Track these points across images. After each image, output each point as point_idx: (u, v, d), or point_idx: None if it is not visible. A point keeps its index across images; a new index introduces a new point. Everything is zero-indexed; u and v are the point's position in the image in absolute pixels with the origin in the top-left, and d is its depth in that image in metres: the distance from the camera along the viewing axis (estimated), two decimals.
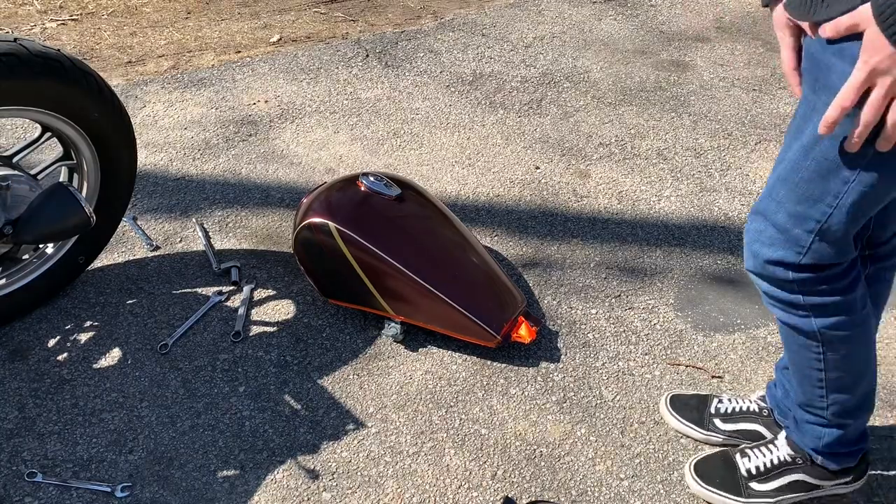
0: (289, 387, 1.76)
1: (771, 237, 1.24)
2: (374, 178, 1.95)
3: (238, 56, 3.13)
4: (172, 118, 2.70)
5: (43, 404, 1.69)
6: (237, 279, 2.02)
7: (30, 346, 1.82)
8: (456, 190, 2.43)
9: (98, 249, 1.97)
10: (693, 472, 1.56)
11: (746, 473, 1.53)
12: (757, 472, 1.52)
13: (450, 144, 2.64)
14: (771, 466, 1.51)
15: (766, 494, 1.50)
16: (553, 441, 1.67)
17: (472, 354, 1.86)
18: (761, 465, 1.52)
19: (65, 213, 1.68)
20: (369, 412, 1.72)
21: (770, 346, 1.91)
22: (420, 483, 1.58)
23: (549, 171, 2.53)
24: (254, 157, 2.53)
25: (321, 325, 1.92)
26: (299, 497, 1.54)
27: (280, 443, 1.64)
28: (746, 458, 1.54)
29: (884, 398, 1.79)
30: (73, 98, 1.68)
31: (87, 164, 1.82)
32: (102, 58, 3.09)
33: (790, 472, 1.50)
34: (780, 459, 1.51)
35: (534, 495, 1.57)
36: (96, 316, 1.91)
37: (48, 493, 1.52)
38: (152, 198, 2.32)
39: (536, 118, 2.80)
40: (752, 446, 1.56)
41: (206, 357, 1.82)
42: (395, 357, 1.85)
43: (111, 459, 1.59)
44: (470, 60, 3.15)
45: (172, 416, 1.68)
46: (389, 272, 1.81)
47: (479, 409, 1.74)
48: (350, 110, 2.79)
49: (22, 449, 1.60)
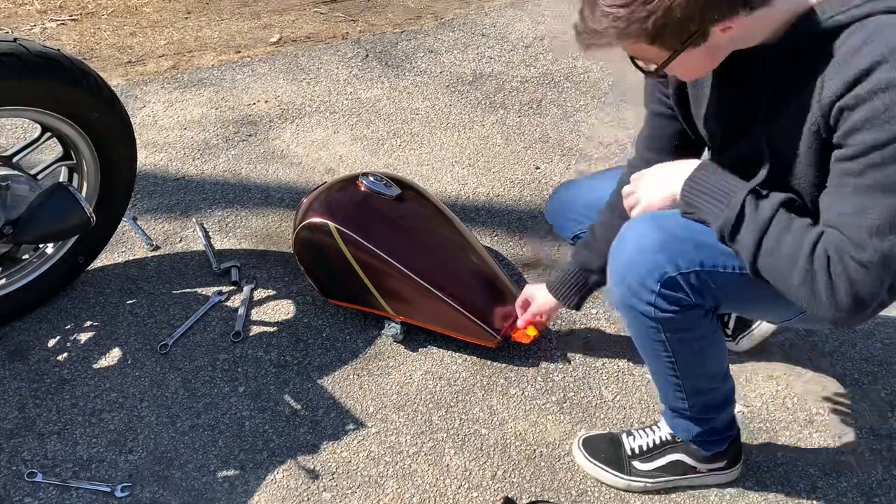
0: (289, 387, 1.76)
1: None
2: (374, 178, 1.95)
3: (238, 56, 3.13)
4: (172, 118, 2.70)
5: (43, 404, 1.69)
6: (237, 279, 2.02)
7: (30, 346, 1.82)
8: (456, 190, 2.43)
9: (98, 249, 1.97)
10: (581, 447, 1.60)
11: (630, 452, 1.58)
12: (640, 451, 1.57)
13: (450, 144, 2.64)
14: (654, 446, 1.57)
15: (647, 474, 1.56)
16: (553, 441, 1.67)
17: (472, 354, 1.85)
18: (644, 444, 1.58)
19: (65, 213, 1.68)
20: (369, 412, 1.72)
21: (770, 346, 1.91)
22: (420, 483, 1.58)
23: (549, 171, 2.53)
24: (254, 157, 2.53)
25: (321, 325, 1.92)
26: (299, 497, 1.54)
27: (280, 443, 1.64)
28: (632, 438, 1.60)
29: (885, 398, 1.79)
30: (73, 98, 1.68)
31: (87, 164, 1.82)
32: (102, 58, 3.09)
33: (670, 452, 1.56)
34: (661, 439, 1.57)
35: (534, 495, 1.57)
36: (96, 316, 1.91)
37: (48, 493, 1.52)
38: (152, 198, 2.32)
39: (536, 118, 2.80)
40: (638, 428, 1.62)
41: (206, 357, 1.82)
42: (395, 357, 1.85)
43: (111, 459, 1.59)
44: (470, 60, 3.15)
45: (172, 416, 1.68)
46: (389, 272, 1.81)
47: (479, 409, 1.74)
48: (350, 110, 2.79)
49: (22, 449, 1.60)
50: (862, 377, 1.85)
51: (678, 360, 1.40)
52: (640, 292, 1.31)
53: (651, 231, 1.30)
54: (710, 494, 1.58)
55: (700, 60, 1.20)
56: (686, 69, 1.24)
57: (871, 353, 1.91)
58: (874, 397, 1.80)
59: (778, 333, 1.94)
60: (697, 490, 1.58)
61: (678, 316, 1.32)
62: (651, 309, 1.32)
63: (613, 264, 1.35)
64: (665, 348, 1.38)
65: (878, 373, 1.86)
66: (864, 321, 1.28)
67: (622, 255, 1.33)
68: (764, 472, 1.63)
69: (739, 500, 1.57)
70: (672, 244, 1.28)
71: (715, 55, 1.20)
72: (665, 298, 1.30)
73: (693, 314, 1.33)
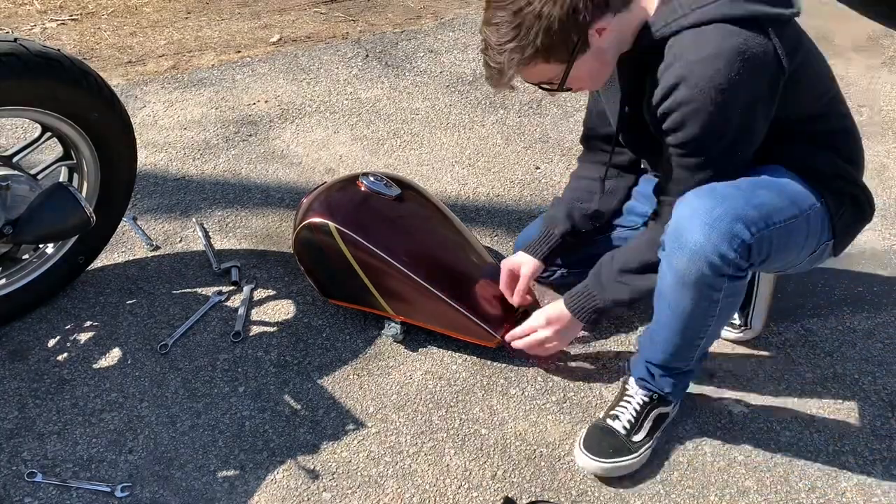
0: (289, 387, 1.76)
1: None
2: (374, 178, 1.95)
3: (238, 56, 3.13)
4: (172, 118, 2.70)
5: (43, 404, 1.69)
6: (237, 279, 2.03)
7: (30, 346, 1.82)
8: (456, 190, 2.43)
9: (98, 249, 1.97)
10: (585, 452, 1.60)
11: (624, 431, 1.61)
12: (631, 425, 1.62)
13: (450, 144, 2.64)
14: (637, 415, 1.63)
15: (645, 441, 1.62)
16: (553, 441, 1.67)
17: (472, 354, 1.86)
18: (630, 417, 1.63)
19: (65, 213, 1.68)
20: (369, 412, 1.72)
21: (770, 346, 1.91)
22: (420, 483, 1.58)
23: (549, 171, 2.53)
24: (254, 157, 2.53)
25: (321, 325, 1.92)
26: (299, 497, 1.54)
27: (280, 443, 1.64)
28: (617, 420, 1.63)
29: (884, 398, 1.79)
30: (73, 98, 1.68)
31: (87, 164, 1.82)
32: (102, 58, 3.09)
33: (650, 411, 1.63)
34: (640, 405, 1.64)
35: (534, 495, 1.57)
36: (96, 316, 1.91)
37: (48, 493, 1.52)
38: (152, 198, 2.32)
39: (536, 118, 2.80)
40: (614, 406, 1.66)
41: (206, 357, 1.82)
42: (395, 357, 1.85)
43: (111, 459, 1.59)
44: (470, 60, 3.15)
45: (172, 416, 1.68)
46: (389, 272, 1.81)
47: (479, 409, 1.74)
48: (350, 110, 2.79)
49: (22, 449, 1.60)
50: (862, 377, 1.85)
51: (717, 321, 1.50)
52: (716, 263, 1.37)
53: (716, 202, 1.38)
54: (711, 495, 1.58)
55: (593, 66, 1.44)
56: (584, 79, 1.47)
57: (871, 353, 1.91)
58: (874, 397, 1.80)
59: (778, 333, 1.94)
60: (698, 490, 1.58)
61: (744, 279, 1.43)
62: (723, 279, 1.40)
63: (686, 236, 1.39)
64: (712, 311, 1.46)
65: (878, 373, 1.86)
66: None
67: (694, 227, 1.38)
68: (764, 472, 1.63)
69: (739, 500, 1.57)
70: (741, 211, 1.37)
71: (604, 59, 1.44)
72: (738, 266, 1.38)
73: (749, 275, 1.45)
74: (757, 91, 1.37)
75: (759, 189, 1.43)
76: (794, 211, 1.44)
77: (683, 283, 1.42)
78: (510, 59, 1.37)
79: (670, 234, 1.42)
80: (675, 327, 1.51)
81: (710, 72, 1.33)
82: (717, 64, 1.33)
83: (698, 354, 1.59)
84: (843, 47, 3.35)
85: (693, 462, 1.64)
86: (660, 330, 1.55)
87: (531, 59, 1.38)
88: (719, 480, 1.61)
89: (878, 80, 3.11)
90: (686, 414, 1.73)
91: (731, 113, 1.37)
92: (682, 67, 1.35)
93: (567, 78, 1.43)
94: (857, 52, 3.32)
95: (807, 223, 1.47)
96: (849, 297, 2.07)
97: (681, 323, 1.49)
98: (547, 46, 1.36)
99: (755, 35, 1.34)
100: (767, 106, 1.41)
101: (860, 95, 2.98)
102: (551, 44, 1.36)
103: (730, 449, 1.67)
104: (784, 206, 1.43)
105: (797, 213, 1.45)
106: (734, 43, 1.33)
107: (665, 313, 1.51)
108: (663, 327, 1.53)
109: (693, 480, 1.61)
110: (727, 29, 1.34)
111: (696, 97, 1.35)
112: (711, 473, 1.62)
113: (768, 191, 1.43)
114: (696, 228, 1.37)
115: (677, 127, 1.41)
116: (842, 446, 1.69)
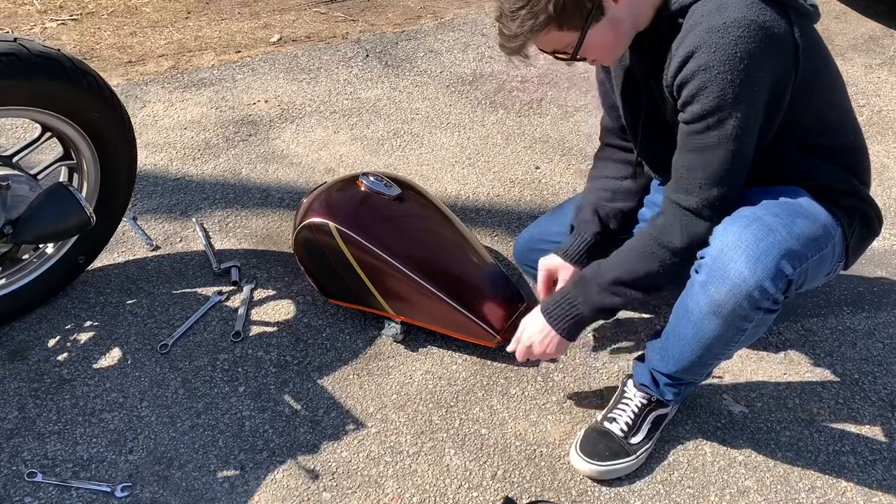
0: (289, 387, 1.76)
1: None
2: (374, 178, 1.95)
3: (238, 56, 3.13)
4: (172, 118, 2.70)
5: (43, 404, 1.69)
6: (237, 279, 2.03)
7: (30, 346, 1.82)
8: (456, 190, 2.43)
9: (98, 249, 1.97)
10: (583, 456, 1.60)
11: (622, 433, 1.62)
12: (628, 427, 1.62)
13: (450, 144, 2.64)
14: (635, 417, 1.63)
15: (644, 442, 1.62)
16: (553, 441, 1.67)
17: (472, 354, 1.86)
18: (628, 420, 1.63)
19: (65, 213, 1.68)
20: (369, 412, 1.72)
21: (770, 346, 1.91)
22: (420, 483, 1.58)
23: (549, 171, 2.53)
24: (254, 157, 2.53)
25: (321, 325, 1.92)
26: (299, 497, 1.54)
27: (280, 443, 1.64)
28: (614, 422, 1.64)
29: (885, 398, 1.79)
30: (73, 98, 1.68)
31: (87, 164, 1.82)
32: (102, 58, 3.09)
33: (649, 413, 1.64)
34: (638, 407, 1.64)
35: (534, 495, 1.57)
36: (96, 316, 1.91)
37: (48, 493, 1.52)
38: (152, 198, 2.32)
39: (536, 118, 2.80)
40: (612, 409, 1.67)
41: (206, 357, 1.82)
42: (395, 357, 1.85)
43: (111, 459, 1.59)
44: (470, 60, 3.15)
45: (172, 416, 1.68)
46: (389, 272, 1.81)
47: (479, 409, 1.74)
48: (350, 110, 2.79)
49: (22, 449, 1.60)
50: (862, 377, 1.85)
51: (738, 347, 1.48)
52: (755, 297, 1.35)
53: (762, 234, 1.35)
54: (711, 495, 1.58)
55: (608, 36, 1.38)
56: (599, 49, 1.41)
57: (871, 353, 1.91)
58: (874, 397, 1.80)
59: (778, 333, 1.94)
60: (698, 490, 1.58)
61: (777, 312, 1.41)
62: (759, 312, 1.37)
63: (730, 267, 1.35)
64: (737, 339, 1.44)
65: (878, 373, 1.86)
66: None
67: (739, 259, 1.34)
68: (764, 472, 1.63)
69: (739, 500, 1.57)
70: (785, 245, 1.35)
71: (619, 29, 1.38)
72: (776, 300, 1.37)
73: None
74: (776, 69, 1.32)
75: (798, 218, 1.38)
76: (827, 240, 1.41)
77: (717, 312, 1.38)
78: (522, 25, 1.34)
79: (712, 261, 1.37)
80: (694, 348, 1.47)
81: (732, 38, 1.27)
82: (738, 31, 1.27)
83: (709, 371, 1.59)
84: (843, 47, 3.35)
85: (693, 462, 1.64)
86: (675, 345, 1.50)
87: (544, 25, 1.34)
88: (719, 480, 1.61)
89: (878, 80, 3.11)
90: (686, 414, 1.73)
91: (749, 86, 1.30)
92: (701, 34, 1.29)
93: (581, 46, 1.37)
94: (857, 52, 3.32)
95: (833, 250, 1.44)
96: (849, 297, 2.07)
97: (702, 347, 1.46)
98: (560, 13, 1.32)
99: (778, 17, 1.29)
100: (781, 92, 1.35)
101: (860, 95, 2.98)
102: (564, 10, 1.32)
103: (730, 449, 1.67)
104: (819, 236, 1.39)
105: (829, 241, 1.42)
106: (756, 15, 1.28)
107: (686, 333, 1.46)
108: (680, 344, 1.49)
109: (693, 480, 1.61)
110: (751, 0, 1.29)
111: (713, 63, 1.28)
112: (711, 473, 1.62)
113: (805, 219, 1.39)
114: (740, 260, 1.33)
115: (693, 98, 1.33)
116: (842, 446, 1.69)
